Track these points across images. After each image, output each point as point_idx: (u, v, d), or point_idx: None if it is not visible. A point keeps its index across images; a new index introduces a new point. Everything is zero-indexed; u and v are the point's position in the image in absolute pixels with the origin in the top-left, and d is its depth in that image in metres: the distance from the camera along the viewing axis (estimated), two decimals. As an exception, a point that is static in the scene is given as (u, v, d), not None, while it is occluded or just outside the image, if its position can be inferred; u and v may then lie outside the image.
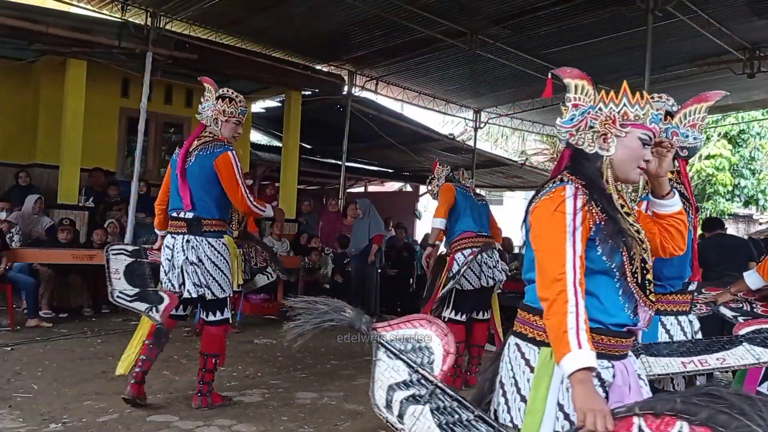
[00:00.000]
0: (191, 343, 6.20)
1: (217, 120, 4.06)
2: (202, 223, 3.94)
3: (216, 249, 3.96)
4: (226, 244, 4.06)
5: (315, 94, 11.54)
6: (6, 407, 3.85)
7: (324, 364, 5.72)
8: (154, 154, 10.86)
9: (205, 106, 4.11)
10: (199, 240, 3.92)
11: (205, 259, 3.92)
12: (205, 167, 3.91)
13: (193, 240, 3.91)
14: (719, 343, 2.23)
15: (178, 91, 11.04)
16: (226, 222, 4.15)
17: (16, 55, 9.11)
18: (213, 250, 3.95)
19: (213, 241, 3.96)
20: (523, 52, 10.11)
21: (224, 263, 4.01)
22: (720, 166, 17.91)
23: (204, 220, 3.94)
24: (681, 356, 2.19)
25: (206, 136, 4.05)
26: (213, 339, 4.08)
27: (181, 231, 3.96)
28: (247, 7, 8.82)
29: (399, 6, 8.42)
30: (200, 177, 3.92)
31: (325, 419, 4.00)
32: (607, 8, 8.20)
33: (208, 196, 3.95)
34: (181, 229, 3.96)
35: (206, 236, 3.94)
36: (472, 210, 5.08)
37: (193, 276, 3.92)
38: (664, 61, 9.91)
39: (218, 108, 4.06)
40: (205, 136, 4.05)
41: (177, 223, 3.99)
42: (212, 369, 4.07)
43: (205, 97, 4.14)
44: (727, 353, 2.18)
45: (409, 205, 17.34)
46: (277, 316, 8.31)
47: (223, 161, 3.88)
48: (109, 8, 8.87)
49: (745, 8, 8.26)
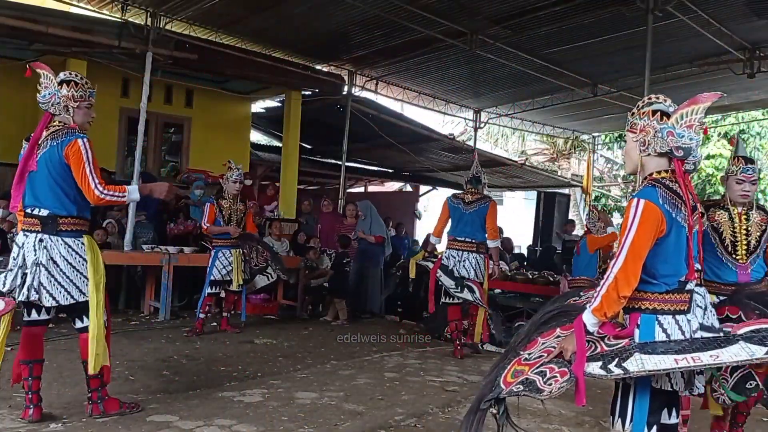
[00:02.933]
0: (191, 344, 6.21)
1: (67, 107, 3.70)
2: (58, 222, 3.62)
3: (73, 249, 3.65)
4: (86, 244, 3.71)
5: (315, 94, 11.55)
6: (6, 407, 3.85)
7: (324, 364, 5.72)
8: (154, 154, 10.86)
9: (46, 94, 3.69)
10: (54, 239, 3.61)
11: (60, 259, 3.61)
12: (55, 159, 3.60)
13: (47, 239, 3.60)
14: (716, 342, 2.25)
15: (178, 91, 11.05)
16: (86, 220, 3.79)
17: (16, 55, 9.10)
18: (70, 250, 3.64)
19: (70, 240, 3.65)
20: (523, 52, 10.11)
21: (83, 265, 3.67)
22: (720, 166, 17.88)
23: (60, 218, 3.62)
24: (675, 354, 2.21)
25: (55, 125, 3.69)
26: (85, 344, 3.70)
27: (34, 229, 3.62)
28: (247, 7, 8.82)
29: (399, 6, 8.42)
30: (52, 170, 3.60)
31: (325, 419, 3.99)
32: (607, 8, 8.21)
33: (62, 191, 3.63)
34: (34, 227, 3.62)
35: (62, 236, 3.63)
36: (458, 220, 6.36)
37: (33, 278, 3.55)
38: (664, 61, 9.92)
39: (65, 94, 3.69)
40: (53, 125, 3.69)
41: (30, 221, 3.64)
42: (96, 375, 3.71)
43: (43, 84, 3.71)
44: (721, 350, 2.19)
45: (410, 205, 17.35)
46: (277, 316, 8.31)
47: (73, 150, 3.59)
48: (109, 8, 8.88)
49: (745, 8, 8.26)
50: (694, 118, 2.38)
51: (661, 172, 2.42)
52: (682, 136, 2.37)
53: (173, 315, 7.58)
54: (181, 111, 11.10)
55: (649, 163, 2.45)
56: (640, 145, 2.45)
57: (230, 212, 6.80)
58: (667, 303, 2.37)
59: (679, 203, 2.36)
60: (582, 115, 14.34)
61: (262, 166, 13.32)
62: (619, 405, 2.45)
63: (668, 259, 2.36)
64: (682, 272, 2.38)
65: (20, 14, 7.95)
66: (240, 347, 6.21)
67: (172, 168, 11.56)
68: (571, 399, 2.32)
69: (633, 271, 2.29)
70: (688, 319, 2.38)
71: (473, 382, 5.06)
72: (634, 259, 2.29)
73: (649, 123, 2.43)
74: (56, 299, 3.62)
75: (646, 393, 2.39)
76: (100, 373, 3.74)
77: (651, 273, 2.36)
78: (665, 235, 2.33)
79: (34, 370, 3.66)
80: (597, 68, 10.98)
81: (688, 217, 2.38)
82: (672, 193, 2.36)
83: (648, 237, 2.30)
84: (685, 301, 2.39)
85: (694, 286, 2.42)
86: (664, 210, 2.32)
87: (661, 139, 2.39)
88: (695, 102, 2.40)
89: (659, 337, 2.33)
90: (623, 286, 2.28)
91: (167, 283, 7.43)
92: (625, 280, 2.28)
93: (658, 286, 2.37)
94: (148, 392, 4.41)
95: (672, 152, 2.38)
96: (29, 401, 3.63)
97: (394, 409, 4.28)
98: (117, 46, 8.57)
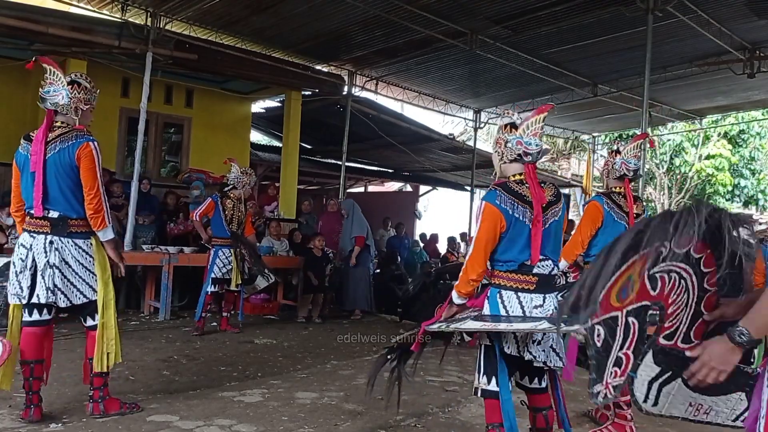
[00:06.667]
0: (191, 343, 6.21)
1: (77, 109, 3.67)
2: (69, 224, 3.61)
3: (83, 249, 3.66)
4: (94, 244, 3.72)
5: (315, 94, 11.55)
6: (6, 407, 3.85)
7: (324, 364, 5.72)
8: (154, 154, 10.86)
9: (51, 90, 3.63)
10: (65, 241, 3.60)
11: (72, 260, 3.62)
12: (65, 161, 3.57)
13: (58, 241, 3.59)
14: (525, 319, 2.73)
15: (178, 91, 11.05)
16: None
17: (16, 55, 9.11)
18: (80, 251, 3.64)
19: (80, 241, 3.65)
20: (523, 52, 10.12)
21: (92, 264, 3.69)
22: (720, 166, 17.89)
23: (70, 220, 3.62)
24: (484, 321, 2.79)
25: (61, 125, 3.66)
26: (94, 342, 3.71)
27: (43, 231, 3.60)
28: (247, 7, 8.82)
29: (399, 6, 8.43)
30: (62, 172, 3.57)
31: (325, 419, 4.00)
32: (607, 8, 8.21)
33: (71, 193, 3.61)
34: (43, 228, 3.60)
35: (73, 237, 3.63)
36: None
37: (48, 280, 3.56)
38: (664, 61, 9.93)
39: (78, 96, 3.66)
40: (59, 126, 3.65)
41: (38, 222, 3.61)
42: (101, 373, 3.73)
43: (49, 80, 3.64)
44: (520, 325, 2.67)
45: (410, 205, 17.36)
46: (277, 316, 8.31)
47: (85, 152, 3.58)
48: (109, 8, 8.89)
49: (745, 8, 8.27)
50: (538, 127, 2.83)
51: (516, 175, 2.85)
52: (529, 144, 2.81)
53: (173, 315, 7.59)
54: (181, 111, 11.10)
55: (508, 169, 2.89)
56: (498, 156, 2.91)
57: (233, 213, 6.82)
58: (511, 281, 2.83)
59: (517, 202, 2.77)
60: (582, 115, 14.35)
61: (262, 166, 13.33)
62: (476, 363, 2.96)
63: (509, 248, 2.81)
64: (521, 258, 2.80)
65: (20, 14, 7.95)
66: (240, 347, 6.21)
67: (172, 168, 11.56)
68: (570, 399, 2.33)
69: (479, 260, 2.79)
70: (531, 297, 2.80)
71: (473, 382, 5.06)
72: (478, 250, 2.78)
73: (502, 135, 2.88)
74: (70, 300, 3.65)
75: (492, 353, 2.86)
76: (105, 372, 3.75)
77: (498, 257, 2.85)
78: (506, 229, 2.77)
79: (35, 371, 3.66)
80: (597, 68, 10.99)
81: (536, 213, 2.77)
82: (511, 195, 2.78)
83: (490, 232, 2.76)
84: (531, 282, 2.81)
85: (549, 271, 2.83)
86: (502, 209, 2.75)
87: (511, 148, 2.83)
88: (540, 112, 2.84)
89: (501, 310, 2.81)
90: (471, 272, 2.80)
91: (167, 283, 7.44)
92: (472, 267, 2.79)
93: (503, 266, 2.85)
94: (148, 392, 4.41)
95: (521, 158, 2.82)
96: (29, 401, 3.63)
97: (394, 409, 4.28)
98: (117, 46, 8.58)
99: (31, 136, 3.68)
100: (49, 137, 3.62)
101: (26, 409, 3.64)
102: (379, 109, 12.41)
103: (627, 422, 3.88)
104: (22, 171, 3.69)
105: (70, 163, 3.58)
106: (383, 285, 10.29)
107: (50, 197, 3.60)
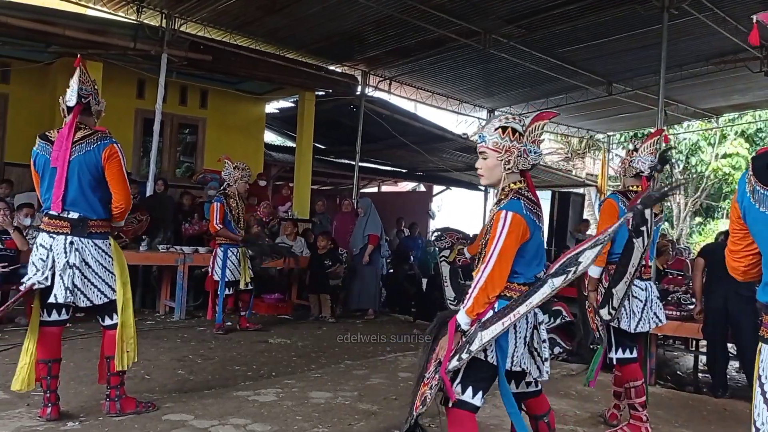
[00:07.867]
0: (206, 343, 6.24)
1: (100, 113, 3.81)
2: (89, 225, 3.63)
3: (103, 250, 3.68)
4: (112, 244, 3.76)
5: (328, 95, 11.58)
6: (24, 405, 3.89)
7: (338, 364, 5.73)
8: (169, 155, 10.94)
9: (84, 89, 3.68)
10: (85, 242, 3.62)
11: (92, 260, 3.63)
12: (92, 163, 3.60)
13: (78, 242, 3.60)
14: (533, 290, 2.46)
15: (193, 92, 11.13)
16: (109, 222, 3.77)
17: (33, 57, 9.21)
18: (100, 251, 3.67)
19: (100, 242, 3.67)
20: (537, 51, 10.08)
21: (111, 264, 3.72)
22: (737, 165, 17.70)
23: (91, 221, 3.63)
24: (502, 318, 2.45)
25: (84, 126, 3.68)
26: (113, 341, 3.74)
27: (62, 231, 3.60)
28: (261, 8, 8.86)
29: (412, 6, 8.42)
30: (86, 173, 3.60)
31: (339, 419, 4.00)
32: (621, 6, 8.15)
33: (93, 194, 3.64)
34: (63, 228, 3.60)
35: (92, 238, 3.64)
36: None
37: (68, 280, 3.56)
38: (680, 59, 9.84)
39: (103, 102, 3.81)
40: (82, 128, 3.67)
41: (58, 222, 3.61)
42: (118, 372, 3.75)
43: (81, 78, 3.69)
44: (534, 295, 2.42)
45: (423, 205, 17.34)
46: (290, 316, 8.34)
47: (110, 153, 3.62)
48: (124, 10, 8.96)
49: (761, 5, 8.16)
50: (538, 134, 2.72)
51: (517, 183, 2.68)
52: (531, 152, 2.68)
53: (188, 314, 7.63)
54: (195, 112, 11.18)
55: (509, 178, 2.69)
56: (505, 164, 2.66)
57: (238, 211, 6.86)
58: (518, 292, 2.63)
59: (537, 210, 2.66)
60: (596, 114, 14.26)
61: (276, 167, 13.38)
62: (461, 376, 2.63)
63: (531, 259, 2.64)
64: (538, 270, 2.66)
65: (37, 17, 8.04)
66: (254, 347, 6.24)
67: (187, 168, 11.64)
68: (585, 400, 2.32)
69: (503, 275, 2.53)
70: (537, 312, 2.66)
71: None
72: (501, 265, 2.52)
73: (513, 144, 2.65)
74: (90, 300, 3.67)
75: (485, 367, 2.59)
76: (123, 371, 3.78)
77: (516, 269, 2.60)
78: (528, 240, 2.59)
79: (52, 369, 3.69)
80: (612, 67, 10.92)
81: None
82: (531, 203, 2.64)
83: (515, 244, 2.54)
84: None
85: None
86: (528, 219, 2.58)
87: (524, 158, 2.65)
88: (539, 119, 2.73)
89: None
90: (492, 289, 2.52)
91: (182, 283, 7.49)
92: (496, 283, 2.53)
93: (520, 278, 2.63)
94: (163, 391, 4.44)
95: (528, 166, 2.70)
96: (47, 400, 3.67)
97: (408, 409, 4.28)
98: (132, 48, 8.65)
99: (48, 135, 3.69)
100: (75, 137, 3.63)
101: (44, 407, 3.68)
102: (392, 109, 12.40)
103: (642, 423, 3.86)
104: (40, 171, 3.69)
105: (96, 165, 3.61)
106: (397, 285, 10.29)
107: (70, 197, 3.61)
